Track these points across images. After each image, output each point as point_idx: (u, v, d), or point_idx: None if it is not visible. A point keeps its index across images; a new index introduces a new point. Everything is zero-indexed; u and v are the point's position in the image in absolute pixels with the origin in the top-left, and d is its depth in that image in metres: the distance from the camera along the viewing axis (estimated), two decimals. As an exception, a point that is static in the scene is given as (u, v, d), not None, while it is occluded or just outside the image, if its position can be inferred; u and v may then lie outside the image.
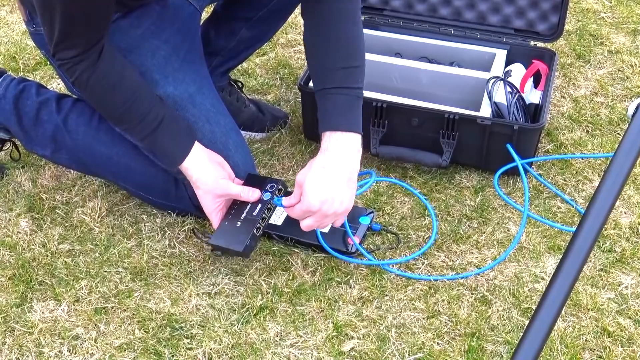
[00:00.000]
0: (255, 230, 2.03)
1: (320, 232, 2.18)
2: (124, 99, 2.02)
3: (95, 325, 1.97)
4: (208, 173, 2.06)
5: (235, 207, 2.09)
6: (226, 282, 2.08)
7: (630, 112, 1.52)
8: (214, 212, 2.08)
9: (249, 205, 2.07)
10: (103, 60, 1.95)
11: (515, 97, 2.41)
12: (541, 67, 2.53)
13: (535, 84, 2.56)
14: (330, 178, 1.95)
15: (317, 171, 1.95)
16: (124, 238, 2.21)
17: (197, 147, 2.07)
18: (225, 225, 2.07)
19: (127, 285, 2.08)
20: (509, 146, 2.34)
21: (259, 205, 2.07)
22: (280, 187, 2.08)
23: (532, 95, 2.50)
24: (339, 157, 1.97)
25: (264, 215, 2.05)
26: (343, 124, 1.99)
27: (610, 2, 3.32)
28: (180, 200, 2.23)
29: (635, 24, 3.18)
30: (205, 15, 2.49)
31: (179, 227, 2.24)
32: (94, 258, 2.15)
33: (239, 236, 2.03)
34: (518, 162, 2.32)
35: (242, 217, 2.06)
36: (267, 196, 2.07)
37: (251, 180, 2.13)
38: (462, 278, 2.09)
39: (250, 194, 2.07)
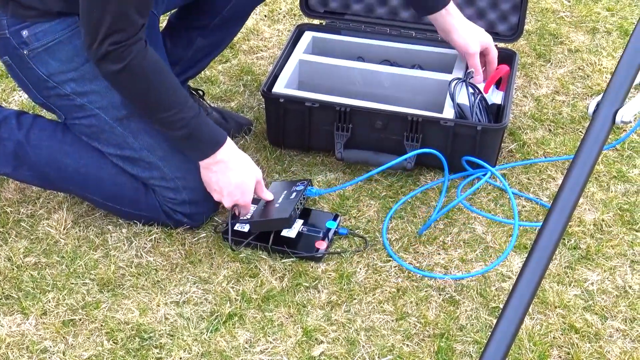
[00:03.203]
0: (295, 206, 2.20)
1: (287, 236, 2.19)
2: (173, 82, 2.06)
3: (64, 337, 1.96)
4: (248, 158, 2.20)
5: (265, 203, 2.27)
6: (194, 291, 2.08)
7: (591, 110, 1.54)
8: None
9: (283, 194, 2.26)
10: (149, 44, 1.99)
11: (478, 98, 2.42)
12: (505, 70, 2.53)
13: (497, 84, 2.57)
14: None
15: (475, 28, 2.51)
16: (90, 249, 2.20)
17: None
18: (261, 209, 2.25)
19: (94, 297, 2.06)
20: (463, 162, 2.36)
21: (294, 194, 2.25)
22: (308, 183, 2.31)
23: (494, 96, 2.52)
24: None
25: (300, 199, 2.23)
26: None
27: (569, 2, 3.35)
28: (150, 207, 2.22)
29: (594, 23, 3.21)
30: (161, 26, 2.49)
31: (146, 236, 2.23)
32: (61, 270, 2.14)
33: (281, 209, 2.21)
34: (497, 172, 2.34)
35: (279, 201, 2.25)
36: (300, 187, 2.27)
37: (279, 186, 2.33)
38: (462, 278, 2.10)
39: (267, 194, 2.26)
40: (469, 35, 2.47)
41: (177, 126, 2.08)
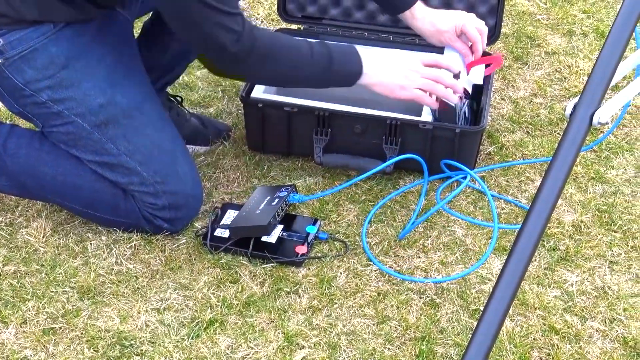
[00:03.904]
0: (276, 213, 2.21)
1: (268, 241, 2.19)
2: (290, 44, 2.15)
3: (44, 346, 1.95)
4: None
5: (250, 204, 2.27)
6: (175, 297, 2.07)
7: (568, 111, 1.55)
8: None
9: (266, 200, 2.26)
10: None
11: (464, 105, 2.41)
12: (496, 60, 2.50)
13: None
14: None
15: (445, 14, 2.44)
16: (69, 257, 2.19)
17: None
18: (242, 214, 2.25)
19: (74, 305, 2.06)
20: (442, 165, 2.37)
21: (277, 200, 2.25)
22: (293, 188, 2.32)
23: (475, 76, 2.47)
24: None
25: (282, 206, 2.24)
26: None
27: (546, 4, 3.36)
28: (129, 213, 2.21)
29: (570, 25, 3.22)
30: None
31: (125, 243, 2.22)
32: (40, 278, 2.13)
33: (261, 216, 2.21)
34: (477, 177, 2.35)
35: (261, 207, 2.25)
36: (283, 194, 2.28)
37: (263, 191, 2.33)
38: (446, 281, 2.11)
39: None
40: (439, 25, 2.42)
41: (319, 71, 2.18)
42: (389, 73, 2.23)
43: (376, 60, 2.22)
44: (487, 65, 2.50)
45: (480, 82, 2.48)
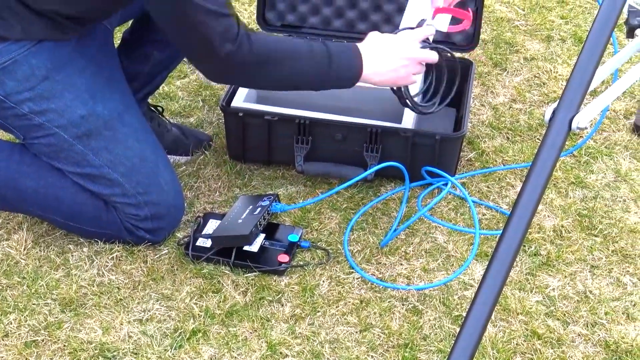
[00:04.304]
0: (258, 222, 2.21)
1: (250, 250, 2.18)
2: (289, 47, 2.12)
3: (26, 359, 1.94)
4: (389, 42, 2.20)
5: (232, 214, 2.27)
6: (157, 308, 2.07)
7: (547, 117, 1.56)
8: None
9: (248, 209, 2.26)
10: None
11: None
12: (465, 15, 2.37)
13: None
14: None
15: None
16: (51, 269, 2.18)
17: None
18: (224, 224, 2.25)
19: (56, 317, 2.05)
20: (423, 172, 2.37)
21: (259, 209, 2.25)
22: (275, 197, 2.31)
23: (439, 22, 2.32)
24: None
25: (264, 215, 2.24)
26: None
27: (524, 10, 3.38)
28: (111, 225, 2.21)
29: (549, 31, 3.24)
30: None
31: (107, 254, 2.21)
32: (22, 291, 2.12)
33: (243, 225, 2.21)
34: (461, 184, 2.35)
35: (242, 217, 2.24)
36: (265, 203, 2.28)
37: (246, 200, 2.33)
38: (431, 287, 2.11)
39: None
40: None
41: (322, 76, 2.14)
42: (388, 69, 2.17)
43: (375, 57, 2.16)
44: (457, 22, 2.35)
45: (445, 30, 2.34)
